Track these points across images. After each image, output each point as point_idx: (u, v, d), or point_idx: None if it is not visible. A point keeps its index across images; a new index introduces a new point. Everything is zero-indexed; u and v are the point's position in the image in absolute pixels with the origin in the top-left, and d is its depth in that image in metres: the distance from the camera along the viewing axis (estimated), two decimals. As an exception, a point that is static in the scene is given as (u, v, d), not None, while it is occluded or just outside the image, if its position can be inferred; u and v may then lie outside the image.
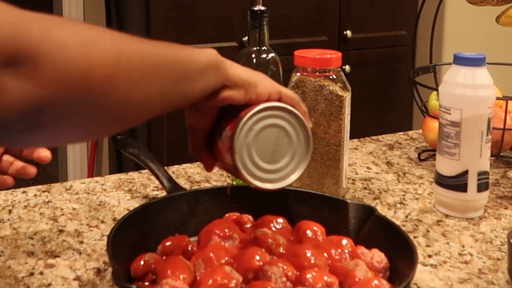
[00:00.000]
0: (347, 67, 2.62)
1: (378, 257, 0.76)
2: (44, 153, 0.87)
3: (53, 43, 0.52)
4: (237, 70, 0.72)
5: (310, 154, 0.73)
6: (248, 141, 0.70)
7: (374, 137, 1.36)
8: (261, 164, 0.71)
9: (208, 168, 0.77)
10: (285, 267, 0.71)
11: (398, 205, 1.02)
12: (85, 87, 0.55)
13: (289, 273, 0.71)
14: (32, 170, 0.86)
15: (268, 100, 0.72)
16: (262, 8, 1.02)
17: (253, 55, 1.04)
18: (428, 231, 0.93)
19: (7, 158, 0.86)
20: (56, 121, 0.56)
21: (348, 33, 2.69)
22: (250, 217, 0.85)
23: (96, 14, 2.83)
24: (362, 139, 1.35)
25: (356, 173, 1.16)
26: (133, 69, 0.60)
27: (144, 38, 0.64)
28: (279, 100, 0.73)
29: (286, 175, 0.73)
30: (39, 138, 0.58)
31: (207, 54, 0.69)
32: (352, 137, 1.09)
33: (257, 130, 0.71)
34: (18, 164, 0.87)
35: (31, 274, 0.80)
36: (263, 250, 0.75)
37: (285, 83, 1.03)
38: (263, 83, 0.73)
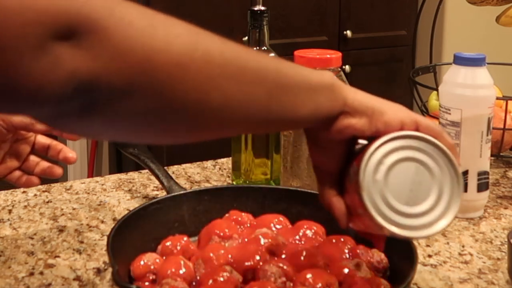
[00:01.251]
0: (347, 67, 2.61)
1: (378, 257, 0.76)
2: (70, 154, 0.86)
3: (117, 19, 0.48)
4: (358, 96, 0.62)
5: (460, 196, 0.60)
6: (379, 177, 0.59)
7: (374, 137, 1.36)
8: (397, 207, 0.59)
9: (341, 221, 0.64)
10: (285, 267, 0.71)
11: (398, 205, 1.02)
12: (148, 70, 0.50)
13: (289, 273, 0.71)
14: (58, 170, 0.86)
15: (401, 130, 0.61)
16: (262, 8, 1.02)
17: (253, 55, 1.04)
18: (428, 231, 0.93)
19: (33, 158, 0.86)
20: (113, 104, 0.50)
21: (348, 33, 2.69)
22: (250, 217, 0.85)
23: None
24: (362, 139, 1.34)
25: (356, 173, 1.16)
26: (214, 65, 0.53)
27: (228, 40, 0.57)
28: (416, 131, 0.62)
29: (432, 221, 0.60)
30: (97, 124, 0.52)
31: (321, 73, 0.61)
32: (352, 137, 1.09)
33: (389, 164, 0.59)
34: (44, 164, 0.86)
35: (31, 274, 0.80)
36: (263, 250, 0.75)
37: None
38: (394, 110, 0.62)
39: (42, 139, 0.87)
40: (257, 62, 0.57)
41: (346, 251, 0.78)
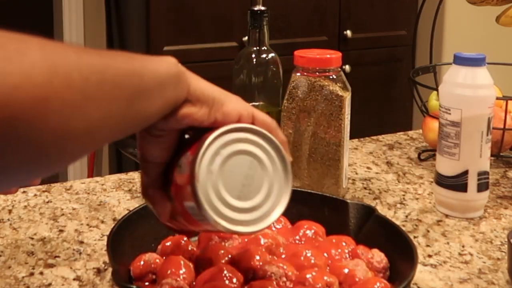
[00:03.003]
0: (347, 67, 2.62)
1: (378, 257, 0.76)
2: None
3: None
4: (201, 84, 0.60)
5: (290, 190, 0.61)
6: (214, 168, 0.57)
7: (374, 137, 1.36)
8: (230, 201, 0.58)
9: (163, 215, 0.64)
10: (285, 267, 0.71)
11: (398, 205, 1.02)
12: (10, 119, 0.43)
13: (289, 273, 0.71)
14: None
15: (238, 122, 0.61)
16: (262, 8, 1.02)
17: (253, 55, 1.04)
18: (428, 231, 0.93)
19: None
20: None
21: (348, 33, 2.69)
22: (250, 217, 0.85)
23: (96, 14, 2.83)
24: (362, 139, 1.35)
25: (356, 173, 1.16)
26: (73, 88, 0.47)
27: (83, 47, 0.53)
28: (252, 124, 0.61)
29: (263, 215, 0.60)
30: None
31: (166, 63, 0.58)
32: (352, 137, 1.09)
33: (224, 155, 0.58)
34: None
35: (31, 274, 0.80)
36: (263, 250, 0.75)
37: (285, 83, 1.03)
38: (233, 102, 0.62)
39: None
40: (114, 69, 0.53)
41: (346, 251, 0.78)
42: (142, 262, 0.74)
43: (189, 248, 0.78)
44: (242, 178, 0.59)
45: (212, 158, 0.58)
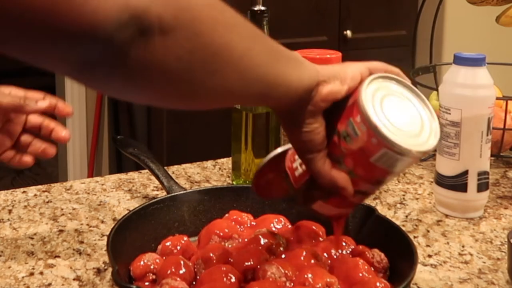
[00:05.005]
0: (347, 67, 2.61)
1: (378, 257, 0.76)
2: (62, 133, 0.84)
3: None
4: (323, 66, 0.68)
5: (429, 105, 0.68)
6: (380, 112, 0.64)
7: (374, 137, 1.36)
8: (405, 129, 0.65)
9: (350, 189, 0.67)
10: (285, 267, 0.71)
11: (398, 205, 1.02)
12: (190, 8, 0.53)
13: (289, 273, 0.71)
14: (51, 150, 0.84)
15: (362, 79, 0.68)
16: (262, 8, 1.02)
17: (253, 55, 1.04)
18: (428, 231, 0.93)
19: (25, 137, 0.85)
20: (160, 38, 0.51)
21: (348, 33, 2.69)
22: (250, 217, 0.85)
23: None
24: (362, 139, 1.34)
25: (356, 173, 1.16)
26: (233, 13, 0.57)
27: None
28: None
29: (430, 131, 0.66)
30: (133, 69, 0.52)
31: (292, 51, 0.67)
32: (352, 137, 1.09)
33: (379, 100, 0.66)
34: (38, 144, 0.84)
35: (31, 274, 0.80)
36: (263, 250, 0.75)
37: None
38: (352, 67, 0.69)
39: (33, 119, 0.85)
40: (257, 31, 0.61)
41: (346, 251, 0.78)
42: (142, 262, 0.74)
43: (189, 248, 0.78)
44: (400, 111, 0.66)
45: (373, 104, 0.65)
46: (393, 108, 0.66)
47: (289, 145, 0.71)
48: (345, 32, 2.69)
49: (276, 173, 0.73)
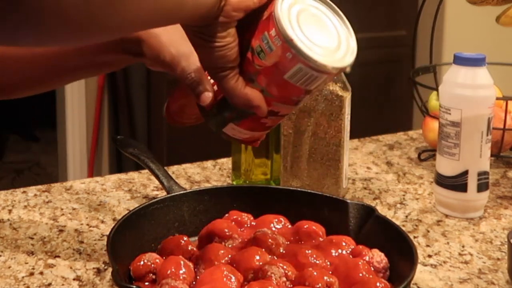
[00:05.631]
0: (347, 67, 2.61)
1: (378, 257, 0.76)
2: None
3: None
4: None
5: (346, 21, 0.68)
6: (296, 26, 0.62)
7: (374, 137, 1.36)
8: (322, 43, 0.63)
9: (264, 108, 0.65)
10: (285, 267, 0.71)
11: (398, 205, 1.02)
12: None
13: (289, 273, 0.71)
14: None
15: None
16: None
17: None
18: (428, 231, 0.93)
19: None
20: None
21: (348, 33, 2.69)
22: (250, 217, 0.85)
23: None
24: (362, 139, 1.35)
25: (356, 173, 1.16)
26: None
27: None
28: None
29: (347, 47, 0.65)
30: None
31: None
32: (352, 137, 1.09)
33: (295, 14, 0.63)
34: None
35: (31, 274, 0.80)
36: (263, 250, 0.75)
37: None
38: None
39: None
40: None
41: (346, 251, 0.78)
42: (142, 262, 0.74)
43: (189, 248, 0.78)
44: (317, 27, 0.64)
45: (289, 18, 0.62)
46: (310, 23, 0.64)
47: None
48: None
49: (189, 99, 0.72)
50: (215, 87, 0.68)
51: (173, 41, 0.73)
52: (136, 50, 0.76)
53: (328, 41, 0.64)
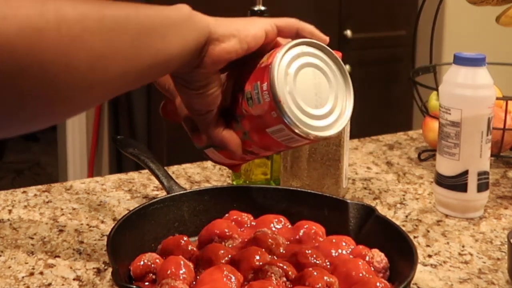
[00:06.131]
0: (347, 67, 2.61)
1: (378, 257, 0.76)
2: None
3: None
4: (219, 21, 0.62)
5: (351, 86, 0.66)
6: (289, 86, 0.61)
7: (374, 137, 1.36)
8: (311, 111, 0.62)
9: (239, 152, 0.66)
10: (285, 267, 0.71)
11: (398, 205, 1.02)
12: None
13: (289, 273, 0.71)
14: None
15: (267, 38, 0.63)
16: (262, 8, 1.02)
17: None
18: (428, 231, 0.93)
19: None
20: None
21: (348, 33, 2.69)
22: (250, 217, 0.85)
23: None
24: (362, 139, 1.35)
25: (356, 173, 1.16)
26: (71, 22, 0.49)
27: None
28: (279, 34, 0.65)
29: (338, 117, 0.65)
30: None
31: (177, 8, 0.59)
32: (352, 137, 1.09)
33: (293, 72, 0.62)
34: None
35: (31, 274, 0.80)
36: (263, 250, 0.75)
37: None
38: (256, 23, 0.64)
39: None
40: (114, 10, 0.53)
41: (346, 251, 0.78)
42: (142, 262, 0.74)
43: (189, 248, 0.78)
44: (313, 88, 0.63)
45: (285, 78, 0.61)
46: (307, 82, 0.63)
47: None
48: (345, 32, 2.69)
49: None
50: None
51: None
52: None
53: (321, 104, 0.64)
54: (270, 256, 0.75)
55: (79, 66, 0.49)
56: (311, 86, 0.63)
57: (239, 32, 0.62)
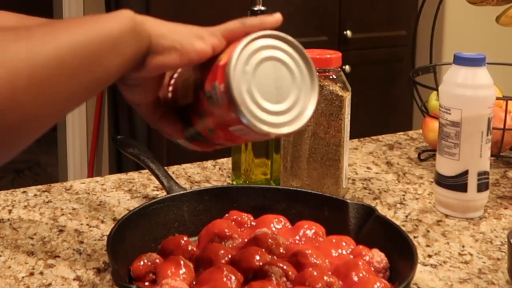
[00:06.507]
0: (347, 67, 2.61)
1: (378, 257, 0.76)
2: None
3: None
4: (163, 31, 0.60)
5: (317, 87, 0.63)
6: (247, 85, 0.60)
7: (374, 137, 1.36)
8: (269, 107, 0.61)
9: (179, 134, 0.68)
10: (285, 267, 0.71)
11: (398, 205, 1.02)
12: None
13: (289, 273, 0.71)
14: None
15: (215, 52, 0.62)
16: (262, 8, 1.02)
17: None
18: (428, 231, 0.93)
19: None
20: None
21: (348, 33, 2.69)
22: (250, 217, 0.85)
23: (96, 13, 2.83)
24: (362, 139, 1.35)
25: (356, 173, 1.16)
26: (21, 77, 0.50)
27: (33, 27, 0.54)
28: (229, 42, 0.63)
29: (300, 113, 0.62)
30: None
31: (118, 19, 0.58)
32: (352, 137, 1.09)
33: (252, 69, 0.60)
34: None
35: (31, 274, 0.80)
36: (263, 250, 0.75)
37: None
38: (203, 36, 0.62)
39: None
40: (46, 51, 0.52)
41: (346, 251, 0.78)
42: (142, 262, 0.74)
43: (189, 248, 0.78)
44: (273, 83, 0.61)
45: (243, 76, 0.59)
46: (267, 77, 0.61)
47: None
48: (345, 32, 2.69)
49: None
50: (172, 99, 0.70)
51: None
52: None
53: (281, 99, 0.62)
54: (270, 256, 0.75)
55: (10, 128, 0.50)
56: (271, 81, 0.61)
57: (182, 46, 0.61)
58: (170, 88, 0.70)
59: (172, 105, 0.70)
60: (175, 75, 0.70)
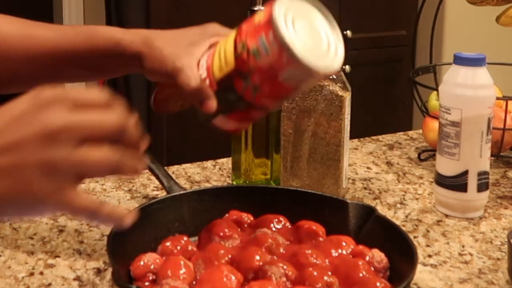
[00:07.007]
0: (347, 67, 2.61)
1: (378, 257, 0.76)
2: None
3: None
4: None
5: (335, 24, 0.72)
6: (291, 32, 0.66)
7: (374, 137, 1.36)
8: (315, 48, 0.67)
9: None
10: (285, 267, 0.71)
11: (398, 205, 1.02)
12: None
13: (289, 273, 0.71)
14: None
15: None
16: (262, 8, 1.02)
17: (253, 55, 1.04)
18: (428, 231, 0.93)
19: None
20: None
21: (348, 33, 2.69)
22: (250, 217, 0.85)
23: (96, 14, 2.83)
24: (362, 139, 1.35)
25: (356, 173, 1.16)
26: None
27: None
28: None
29: (335, 53, 0.70)
30: None
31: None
32: (352, 137, 1.09)
33: (291, 16, 0.67)
34: None
35: (31, 274, 0.80)
36: (263, 250, 0.75)
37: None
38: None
39: None
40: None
41: (346, 251, 0.78)
42: (142, 262, 0.74)
43: (189, 248, 0.78)
44: (310, 30, 0.68)
45: (286, 24, 0.65)
46: (303, 28, 0.67)
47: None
48: (345, 32, 2.69)
49: (174, 89, 0.76)
50: (207, 81, 0.72)
51: (176, 55, 0.76)
52: (135, 63, 0.78)
53: (320, 46, 0.68)
54: (270, 256, 0.75)
55: None
56: (308, 30, 0.67)
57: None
58: (204, 67, 0.74)
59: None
60: (206, 54, 0.75)
